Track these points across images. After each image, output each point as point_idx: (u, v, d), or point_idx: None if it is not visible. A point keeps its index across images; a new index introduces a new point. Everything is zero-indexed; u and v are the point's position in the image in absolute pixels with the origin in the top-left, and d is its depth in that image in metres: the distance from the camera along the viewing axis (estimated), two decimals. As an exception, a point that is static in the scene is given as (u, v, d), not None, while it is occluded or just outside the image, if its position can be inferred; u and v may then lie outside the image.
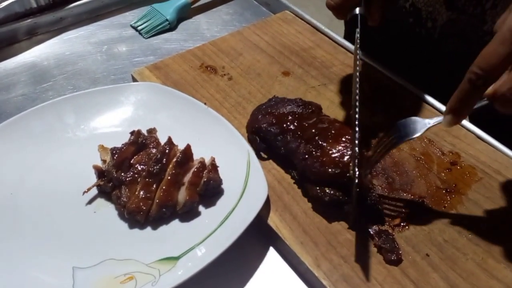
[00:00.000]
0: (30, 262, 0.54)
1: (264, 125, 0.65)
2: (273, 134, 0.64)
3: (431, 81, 0.80)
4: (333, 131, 0.61)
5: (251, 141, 0.66)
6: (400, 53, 0.88)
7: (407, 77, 0.79)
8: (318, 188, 0.58)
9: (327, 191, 0.58)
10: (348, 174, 0.57)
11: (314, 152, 0.60)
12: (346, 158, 0.58)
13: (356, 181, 0.53)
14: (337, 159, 0.58)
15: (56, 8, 0.92)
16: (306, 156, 0.60)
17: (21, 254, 0.54)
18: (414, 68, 0.83)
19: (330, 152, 0.59)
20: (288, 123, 0.64)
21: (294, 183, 0.63)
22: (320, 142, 0.60)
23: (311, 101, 0.70)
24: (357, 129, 0.56)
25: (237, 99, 0.75)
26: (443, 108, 0.73)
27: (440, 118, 0.53)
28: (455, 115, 0.51)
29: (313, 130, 0.62)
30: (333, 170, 0.58)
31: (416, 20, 0.83)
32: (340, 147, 0.59)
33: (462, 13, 0.76)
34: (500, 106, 0.49)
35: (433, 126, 0.54)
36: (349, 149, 0.59)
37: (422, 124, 0.55)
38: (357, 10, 0.63)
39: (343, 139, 0.60)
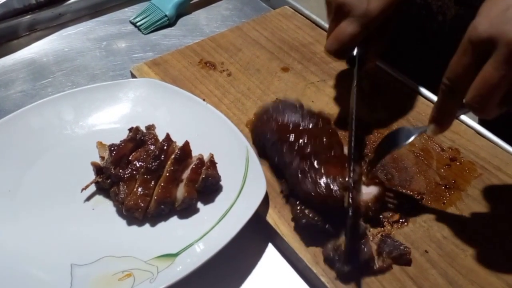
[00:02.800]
0: (28, 259, 0.54)
1: (266, 130, 0.63)
2: (270, 141, 0.62)
3: (439, 77, 0.79)
4: (333, 155, 0.59)
5: (256, 143, 0.65)
6: (410, 49, 0.88)
7: (413, 74, 0.79)
8: (298, 208, 0.56)
9: (306, 212, 0.55)
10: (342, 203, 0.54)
11: (308, 172, 0.56)
12: (339, 186, 0.55)
13: (350, 213, 0.52)
14: (331, 184, 0.55)
15: (55, 4, 0.92)
16: (299, 173, 0.57)
17: (19, 251, 0.54)
18: (424, 64, 0.83)
19: (326, 175, 0.56)
20: (287, 134, 0.61)
21: (283, 197, 0.60)
22: (317, 163, 0.57)
23: (320, 112, 0.66)
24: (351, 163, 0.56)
25: (236, 95, 0.75)
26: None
27: (425, 128, 0.55)
28: (437, 125, 0.52)
29: (312, 148, 0.59)
30: (325, 193, 0.54)
31: (428, 13, 0.83)
32: (336, 174, 0.56)
33: (469, 7, 0.76)
34: (473, 113, 0.49)
35: (418, 135, 0.56)
36: (345, 179, 0.56)
37: (409, 133, 0.56)
38: (355, 53, 0.66)
39: (340, 167, 0.57)
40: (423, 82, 0.77)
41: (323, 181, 0.55)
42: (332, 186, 0.55)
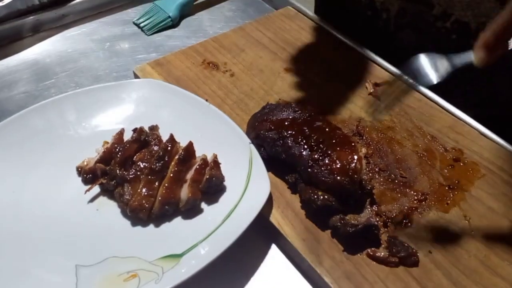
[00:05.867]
0: (33, 260, 0.54)
1: (262, 131, 0.64)
2: (272, 139, 0.62)
3: None
4: (337, 138, 0.61)
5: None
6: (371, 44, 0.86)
7: None
8: (311, 191, 0.57)
9: (320, 194, 0.57)
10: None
11: (321, 160, 0.58)
12: (353, 165, 0.57)
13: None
14: (346, 167, 0.57)
15: (58, 5, 0.92)
16: (312, 163, 0.58)
17: (23, 252, 0.55)
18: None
19: (338, 160, 0.58)
20: (287, 129, 0.62)
21: (288, 187, 0.62)
22: (326, 149, 0.59)
23: (306, 105, 0.69)
24: None
25: (239, 95, 0.75)
26: (448, 106, 0.73)
27: (468, 55, 0.48)
28: (488, 51, 0.46)
29: (316, 137, 0.61)
30: (343, 177, 0.56)
31: (373, 13, 0.83)
32: (346, 155, 0.58)
33: (412, 2, 0.76)
34: None
35: (460, 66, 0.49)
36: (355, 157, 0.58)
37: (444, 64, 0.49)
38: None
39: (348, 147, 0.59)
40: None
41: (337, 167, 0.57)
42: (348, 170, 0.57)
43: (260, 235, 0.59)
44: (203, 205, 0.60)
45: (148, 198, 0.58)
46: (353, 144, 0.60)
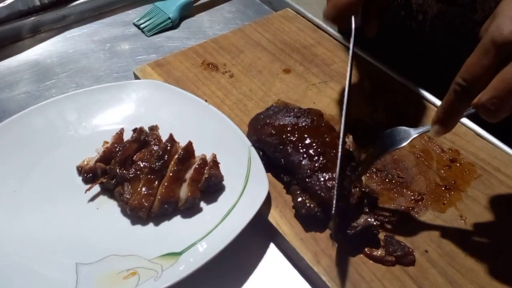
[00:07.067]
0: (34, 258, 0.54)
1: (263, 136, 0.64)
2: (273, 145, 0.63)
3: (424, 75, 0.80)
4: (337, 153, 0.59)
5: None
6: (393, 47, 0.88)
7: (401, 71, 0.79)
8: (300, 198, 0.58)
9: (306, 202, 0.57)
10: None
11: (319, 173, 0.58)
12: (352, 189, 0.57)
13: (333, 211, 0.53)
14: (344, 192, 0.56)
15: (59, 6, 0.93)
16: (310, 173, 0.58)
17: (24, 251, 0.55)
18: (407, 62, 0.83)
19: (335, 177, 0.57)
20: (288, 135, 0.62)
21: (284, 187, 0.62)
22: (326, 162, 0.59)
23: (310, 108, 0.69)
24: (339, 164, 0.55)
25: (238, 96, 0.76)
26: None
27: (426, 127, 0.54)
28: (442, 126, 0.51)
29: (316, 147, 0.60)
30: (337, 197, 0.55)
31: (407, 13, 0.84)
32: (347, 176, 0.57)
33: (452, 4, 0.77)
34: (483, 115, 0.48)
35: (418, 135, 0.55)
36: (352, 175, 0.58)
37: (407, 134, 0.55)
38: (353, 23, 0.61)
39: (348, 165, 0.59)
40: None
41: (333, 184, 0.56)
42: (344, 195, 0.56)
43: (258, 234, 0.60)
44: (202, 204, 0.60)
45: (148, 197, 0.58)
46: (352, 162, 0.60)
